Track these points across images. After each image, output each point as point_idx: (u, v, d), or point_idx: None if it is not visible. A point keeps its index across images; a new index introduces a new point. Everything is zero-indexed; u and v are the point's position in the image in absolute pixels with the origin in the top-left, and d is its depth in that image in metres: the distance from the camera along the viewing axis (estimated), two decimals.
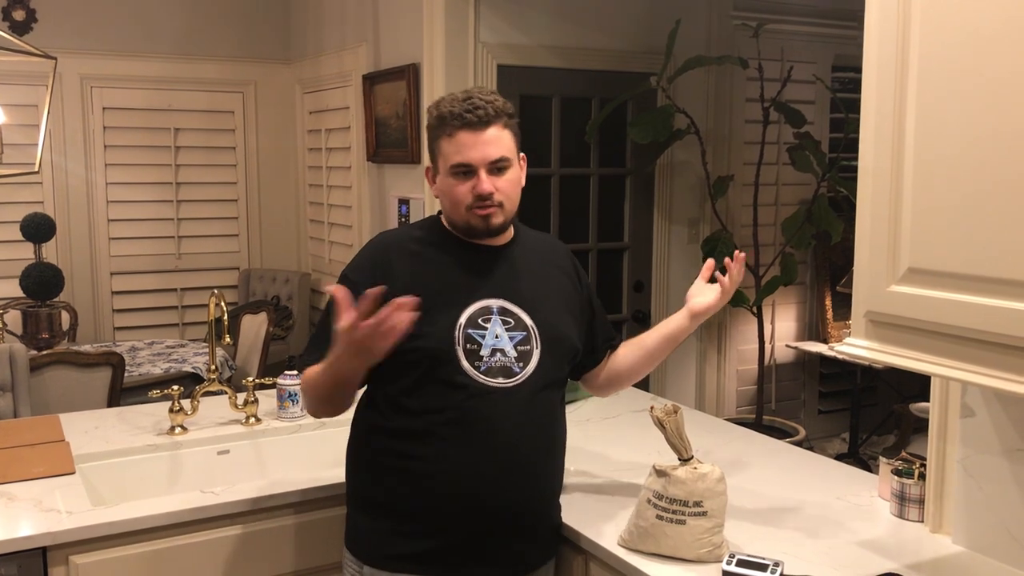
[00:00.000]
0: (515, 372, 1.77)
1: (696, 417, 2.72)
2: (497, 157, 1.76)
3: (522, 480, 1.78)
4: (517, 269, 1.87)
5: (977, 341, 1.35)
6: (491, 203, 1.76)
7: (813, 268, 4.90)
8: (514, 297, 1.82)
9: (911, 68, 1.43)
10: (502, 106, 1.78)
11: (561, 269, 1.96)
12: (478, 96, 1.76)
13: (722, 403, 4.63)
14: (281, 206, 5.62)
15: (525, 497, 1.79)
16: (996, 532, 1.75)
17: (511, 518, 1.78)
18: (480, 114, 1.74)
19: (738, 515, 1.87)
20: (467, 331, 1.75)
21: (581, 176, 4.13)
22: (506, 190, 1.78)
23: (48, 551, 1.85)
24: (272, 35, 5.50)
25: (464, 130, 1.74)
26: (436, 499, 1.75)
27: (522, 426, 1.77)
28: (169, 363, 4.07)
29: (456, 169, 1.76)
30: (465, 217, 1.79)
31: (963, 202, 1.36)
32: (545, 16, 3.88)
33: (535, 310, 1.83)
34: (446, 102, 1.78)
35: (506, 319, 1.80)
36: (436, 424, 1.74)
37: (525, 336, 1.80)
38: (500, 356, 1.76)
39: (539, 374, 1.79)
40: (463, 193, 1.76)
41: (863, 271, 1.53)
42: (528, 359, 1.79)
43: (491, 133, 1.75)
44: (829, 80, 4.62)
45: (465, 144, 1.74)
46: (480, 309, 1.78)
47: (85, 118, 5.11)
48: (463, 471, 1.73)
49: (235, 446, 2.47)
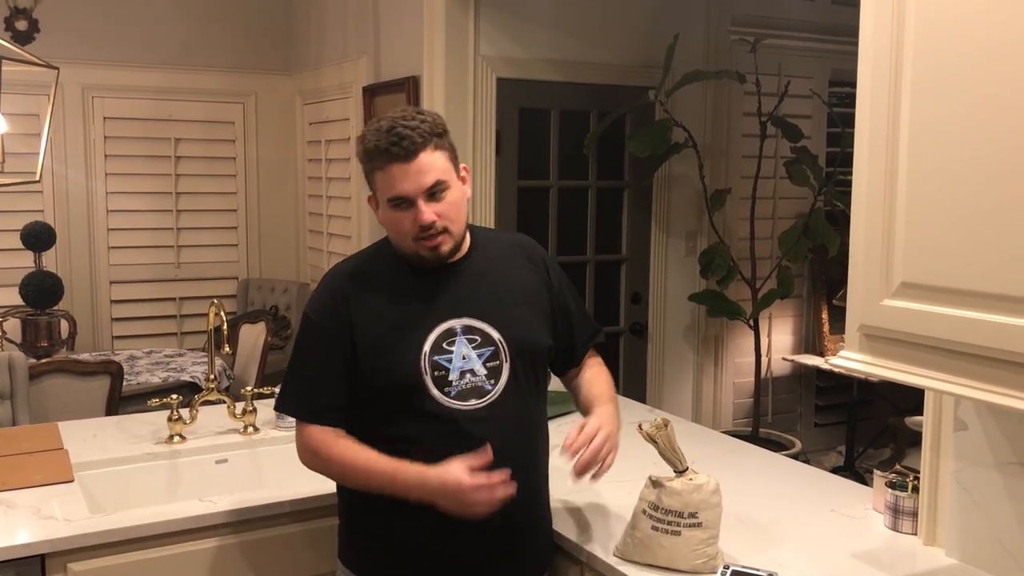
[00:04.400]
0: (487, 391, 1.74)
1: (692, 429, 2.73)
2: (431, 183, 1.69)
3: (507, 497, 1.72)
4: (476, 282, 1.81)
5: (970, 355, 1.37)
6: (435, 231, 1.71)
7: (810, 281, 4.91)
8: (476, 313, 1.77)
9: (905, 83, 1.45)
10: (429, 128, 1.70)
11: (526, 267, 1.89)
12: (402, 125, 1.67)
13: (719, 416, 4.63)
14: (280, 216, 5.64)
15: (511, 512, 1.72)
16: (989, 545, 1.76)
17: (501, 537, 1.76)
18: (406, 145, 1.66)
19: (733, 526, 1.87)
20: (433, 358, 1.72)
21: (579, 188, 4.15)
22: (448, 213, 1.72)
23: (46, 559, 1.85)
24: (273, 46, 5.53)
25: (393, 163, 1.67)
26: (422, 526, 1.72)
27: (501, 444, 1.70)
28: (168, 372, 4.08)
29: (393, 202, 1.70)
30: (413, 248, 1.74)
31: (956, 217, 1.37)
32: (545, 30, 3.91)
33: (500, 321, 1.78)
34: (371, 135, 1.70)
35: (472, 337, 1.75)
36: (414, 453, 1.69)
37: (493, 351, 1.76)
38: (470, 377, 1.73)
39: (512, 387, 1.76)
40: (407, 225, 1.71)
41: (857, 285, 1.55)
42: (499, 374, 1.75)
43: (422, 160, 1.67)
44: (826, 95, 4.65)
45: (397, 177, 1.68)
46: (443, 332, 1.74)
47: (86, 128, 5.13)
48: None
49: (233, 455, 2.48)
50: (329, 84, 5.00)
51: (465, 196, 1.79)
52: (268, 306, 5.37)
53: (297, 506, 2.09)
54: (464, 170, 1.80)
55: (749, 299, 4.16)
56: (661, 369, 4.41)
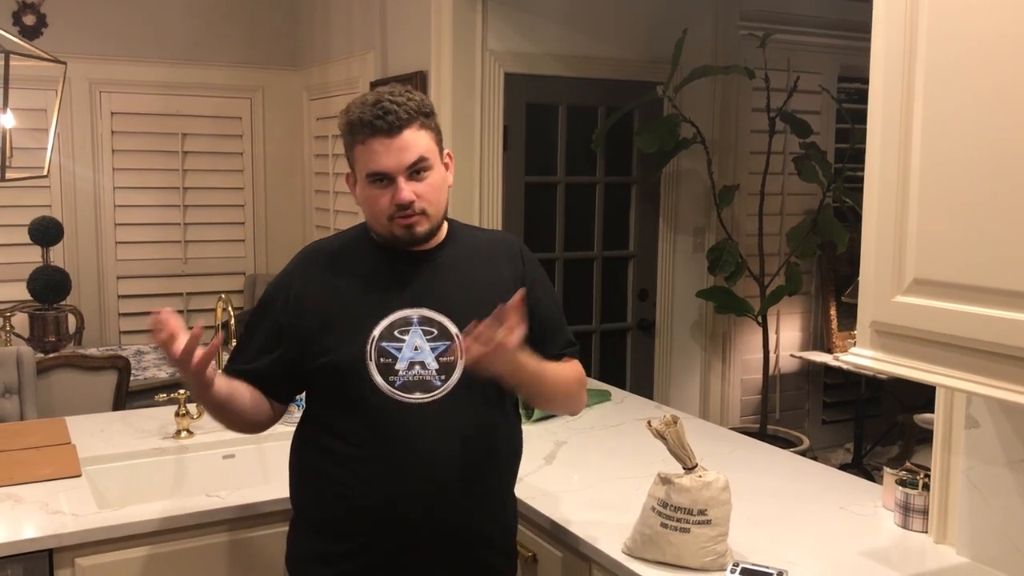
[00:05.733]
0: (435, 386, 1.67)
1: (700, 426, 2.73)
2: (413, 160, 1.64)
3: (445, 499, 1.67)
4: (444, 273, 1.75)
5: (983, 352, 1.36)
6: (412, 211, 1.65)
7: (818, 278, 4.90)
8: (437, 304, 1.71)
9: (918, 79, 1.43)
10: (417, 106, 1.65)
11: (502, 266, 1.81)
12: (388, 99, 1.63)
13: (726, 412, 4.62)
14: (287, 212, 5.63)
15: (452, 516, 1.69)
16: (1000, 543, 1.75)
17: (436, 539, 1.69)
18: (391, 120, 1.62)
19: (742, 524, 1.87)
20: (380, 344, 1.67)
21: (587, 184, 4.13)
22: (428, 195, 1.67)
23: (54, 553, 1.86)
24: (280, 41, 5.52)
25: (376, 137, 1.62)
26: (356, 520, 1.68)
27: (443, 443, 1.66)
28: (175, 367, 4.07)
29: (372, 177, 1.66)
30: (388, 227, 1.68)
31: (969, 213, 1.36)
32: (553, 25, 3.90)
33: (461, 317, 1.68)
34: (355, 107, 1.66)
35: (428, 329, 1.69)
36: (353, 444, 1.67)
37: (448, 346, 1.68)
38: (419, 369, 1.67)
39: (464, 386, 1.68)
40: (384, 203, 1.65)
41: (869, 282, 1.54)
42: (451, 371, 1.68)
43: (406, 137, 1.63)
44: (835, 91, 4.63)
45: (378, 152, 1.63)
46: (397, 320, 1.69)
47: (93, 122, 5.13)
48: (376, 490, 1.66)
49: (240, 451, 2.48)
50: (336, 79, 4.99)
51: (446, 181, 1.74)
52: None
53: None
54: (448, 156, 1.76)
55: (757, 296, 4.15)
56: (668, 366, 4.40)
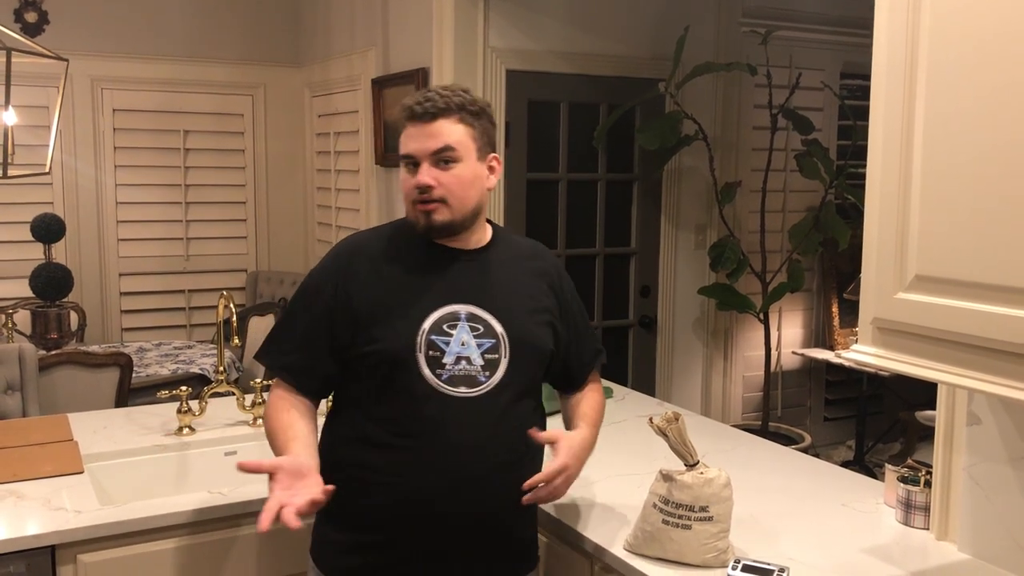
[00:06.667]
0: (480, 382, 1.69)
1: (702, 423, 2.73)
2: (438, 147, 1.68)
3: (483, 493, 1.69)
4: (491, 274, 1.79)
5: (984, 349, 1.36)
6: (431, 197, 1.68)
7: (820, 275, 4.90)
8: (485, 303, 1.74)
9: (920, 75, 1.43)
10: (462, 102, 1.70)
11: (541, 276, 1.86)
12: (438, 91, 1.71)
13: (728, 409, 4.63)
14: (289, 209, 5.64)
15: (488, 511, 1.71)
16: (1002, 540, 1.75)
17: (470, 533, 1.71)
18: (428, 106, 1.68)
19: (744, 520, 1.87)
20: (430, 337, 1.68)
21: (589, 181, 4.13)
22: (451, 185, 1.69)
23: (56, 550, 1.86)
24: (281, 38, 5.52)
25: (412, 122, 1.70)
26: (390, 511, 1.69)
27: (485, 438, 1.69)
28: (177, 364, 4.08)
29: (403, 160, 1.72)
30: (413, 213, 1.73)
31: (971, 209, 1.36)
32: (554, 22, 3.89)
33: (506, 317, 1.74)
34: (409, 97, 1.73)
35: (475, 325, 1.72)
36: (393, 434, 1.68)
37: (494, 344, 1.72)
38: (465, 364, 1.69)
39: (506, 383, 1.72)
40: (409, 187, 1.71)
41: (870, 278, 1.54)
42: (495, 368, 1.71)
43: (439, 125, 1.68)
44: (837, 87, 4.63)
45: (410, 135, 1.70)
46: (447, 314, 1.71)
47: (95, 119, 5.13)
48: (418, 483, 1.67)
49: (242, 447, 2.48)
50: (338, 76, 4.99)
51: (480, 179, 1.75)
52: (277, 298, 5.37)
53: None
54: (495, 160, 1.78)
55: (759, 293, 4.15)
56: (670, 363, 4.40)
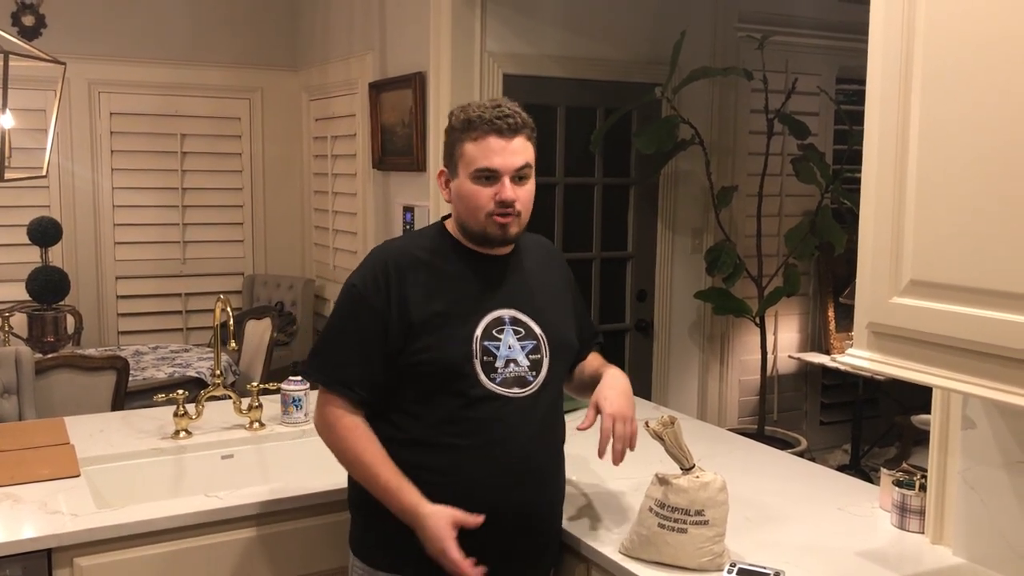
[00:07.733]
0: (529, 381, 1.79)
1: (698, 427, 2.73)
2: (521, 165, 1.75)
3: (534, 488, 1.80)
4: (523, 277, 1.88)
5: (979, 353, 1.36)
6: (511, 212, 1.75)
7: (816, 279, 4.91)
8: (523, 306, 1.83)
9: (915, 80, 1.44)
10: (527, 119, 1.79)
11: (557, 270, 1.98)
12: (507, 105, 1.77)
13: (724, 413, 4.63)
14: (286, 212, 5.64)
15: (537, 504, 1.81)
16: (996, 544, 1.75)
17: (523, 527, 1.79)
18: (510, 122, 1.74)
19: (739, 524, 1.87)
20: (483, 343, 1.76)
21: (585, 185, 4.14)
22: (525, 200, 1.78)
23: (53, 553, 1.86)
24: (279, 42, 5.53)
25: (494, 135, 1.73)
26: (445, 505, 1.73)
27: (536, 435, 1.79)
28: (173, 368, 4.08)
29: (480, 173, 1.74)
30: (483, 224, 1.77)
31: (966, 214, 1.37)
32: (551, 27, 3.90)
33: (542, 318, 1.84)
34: (475, 107, 1.77)
35: (517, 329, 1.81)
36: (451, 435, 1.74)
37: (535, 345, 1.81)
38: (514, 366, 1.77)
39: (548, 382, 1.82)
40: (485, 199, 1.74)
41: (865, 283, 1.54)
42: (540, 367, 1.81)
43: (518, 142, 1.75)
44: (833, 92, 4.64)
45: (493, 150, 1.73)
46: (494, 320, 1.79)
47: (92, 123, 5.14)
48: (477, 481, 1.73)
49: (239, 451, 2.48)
50: (335, 80, 5.00)
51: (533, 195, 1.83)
52: (274, 302, 5.37)
53: (304, 501, 2.09)
54: None
55: (755, 297, 4.15)
56: (667, 366, 4.41)
